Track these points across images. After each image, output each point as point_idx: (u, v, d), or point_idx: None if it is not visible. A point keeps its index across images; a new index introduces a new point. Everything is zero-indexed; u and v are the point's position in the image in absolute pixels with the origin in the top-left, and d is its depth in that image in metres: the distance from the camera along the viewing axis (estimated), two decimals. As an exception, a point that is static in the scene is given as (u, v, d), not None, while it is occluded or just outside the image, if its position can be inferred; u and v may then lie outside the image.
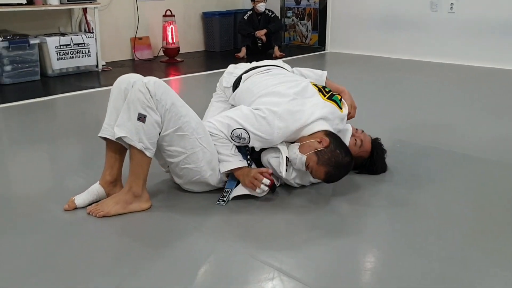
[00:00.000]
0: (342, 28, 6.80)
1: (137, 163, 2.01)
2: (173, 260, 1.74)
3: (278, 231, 1.95)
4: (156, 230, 1.96)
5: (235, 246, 1.82)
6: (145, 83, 1.95)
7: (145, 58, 6.36)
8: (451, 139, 3.05)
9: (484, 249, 1.79)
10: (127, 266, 1.70)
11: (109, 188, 2.15)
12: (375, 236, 1.92)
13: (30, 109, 3.92)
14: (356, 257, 1.77)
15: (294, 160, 2.14)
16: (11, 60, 4.74)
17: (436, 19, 5.87)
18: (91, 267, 1.69)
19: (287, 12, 7.41)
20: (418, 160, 2.69)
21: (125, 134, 1.95)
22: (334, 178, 2.16)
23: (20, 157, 2.83)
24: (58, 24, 5.59)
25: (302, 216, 2.08)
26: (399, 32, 6.23)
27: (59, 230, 1.94)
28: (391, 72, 5.45)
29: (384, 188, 2.35)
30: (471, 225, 1.99)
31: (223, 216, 2.06)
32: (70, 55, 5.14)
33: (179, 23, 6.64)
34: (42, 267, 1.69)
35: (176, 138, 2.03)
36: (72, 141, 3.05)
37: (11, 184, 2.48)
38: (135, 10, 6.29)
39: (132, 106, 1.95)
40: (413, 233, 1.92)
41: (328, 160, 2.08)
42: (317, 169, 2.11)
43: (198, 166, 2.10)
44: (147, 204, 2.09)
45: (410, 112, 3.70)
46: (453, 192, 2.31)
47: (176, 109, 2.00)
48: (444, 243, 1.84)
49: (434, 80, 5.00)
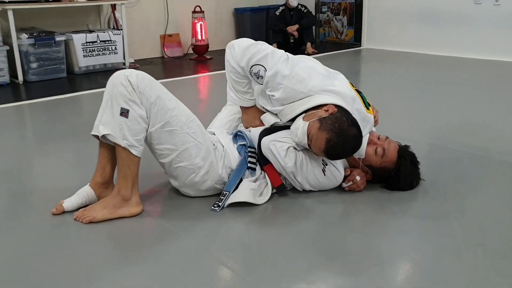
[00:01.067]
0: (379, 23, 6.48)
1: (123, 163, 1.86)
2: (151, 270, 1.57)
3: (272, 249, 1.72)
4: (141, 238, 1.81)
5: (219, 260, 1.63)
6: (126, 76, 1.81)
7: (174, 56, 6.28)
8: (490, 143, 2.75)
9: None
10: (103, 275, 1.55)
11: (100, 191, 2.01)
12: (412, 255, 1.69)
13: (55, 105, 3.89)
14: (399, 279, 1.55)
15: (296, 131, 1.95)
16: (37, 57, 4.74)
17: (480, 12, 5.48)
18: (65, 274, 1.55)
19: (322, 7, 7.15)
20: (454, 166, 2.42)
21: (109, 132, 1.81)
22: (336, 149, 1.90)
23: (41, 153, 2.77)
24: (87, 21, 5.58)
25: (307, 233, 1.85)
26: (439, 27, 5.86)
27: (42, 234, 1.82)
28: (430, 70, 5.12)
29: (418, 198, 2.08)
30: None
31: (215, 226, 1.87)
32: (96, 52, 5.10)
33: (210, 20, 6.53)
34: (16, 270, 1.57)
35: (164, 134, 1.88)
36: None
37: (26, 179, 2.39)
38: (165, 6, 6.22)
39: (114, 101, 1.81)
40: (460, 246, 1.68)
41: (332, 125, 1.87)
42: (317, 136, 1.88)
43: (192, 163, 1.93)
44: (138, 209, 1.93)
45: (449, 113, 3.40)
46: (495, 201, 2.04)
47: (162, 102, 1.85)
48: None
49: (476, 78, 4.65)
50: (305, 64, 2.02)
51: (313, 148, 1.94)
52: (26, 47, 4.66)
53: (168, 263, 1.62)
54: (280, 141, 2.00)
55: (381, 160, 2.09)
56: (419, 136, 2.78)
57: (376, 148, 2.10)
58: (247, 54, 2.01)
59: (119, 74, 1.84)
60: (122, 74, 1.83)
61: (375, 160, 2.09)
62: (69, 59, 5.06)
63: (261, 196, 2.03)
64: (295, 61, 2.01)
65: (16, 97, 4.23)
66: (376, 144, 2.11)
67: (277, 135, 2.03)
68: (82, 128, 3.09)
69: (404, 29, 6.21)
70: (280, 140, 2.00)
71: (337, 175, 2.08)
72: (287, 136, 2.01)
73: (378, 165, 2.10)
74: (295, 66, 1.98)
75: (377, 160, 2.09)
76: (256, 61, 1.99)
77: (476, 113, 3.38)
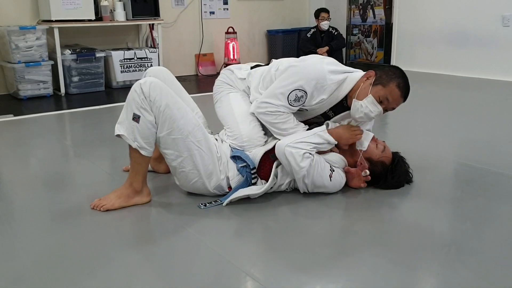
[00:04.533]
0: (408, 45, 6.58)
1: (135, 161, 2.07)
2: (146, 259, 1.74)
3: (271, 244, 1.83)
4: (143, 227, 2.00)
5: (215, 251, 1.77)
6: (140, 84, 2.01)
7: (208, 74, 6.57)
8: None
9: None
10: (97, 259, 1.72)
11: (154, 163, 2.47)
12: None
13: (93, 115, 4.19)
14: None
15: (361, 113, 2.15)
16: (79, 72, 5.12)
17: (508, 34, 5.50)
18: (72, 261, 1.76)
19: (353, 30, 7.32)
20: (477, 187, 2.38)
21: (123, 133, 2.03)
22: (407, 85, 2.13)
23: (78, 156, 3.03)
24: (127, 40, 5.96)
25: (314, 233, 1.94)
26: (467, 49, 5.91)
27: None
28: (458, 90, 5.17)
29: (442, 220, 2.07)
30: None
31: (215, 219, 2.01)
32: (133, 68, 5.44)
33: (243, 40, 6.82)
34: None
35: (170, 141, 2.05)
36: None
37: (60, 179, 2.62)
38: (200, 27, 6.55)
39: (128, 106, 2.03)
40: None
41: (386, 76, 2.13)
42: (389, 91, 2.11)
43: (194, 169, 2.09)
44: (148, 198, 2.15)
45: (475, 135, 3.36)
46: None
47: (170, 111, 2.02)
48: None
49: (503, 100, 4.66)
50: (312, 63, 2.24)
51: (393, 103, 2.13)
52: (69, 62, 5.05)
53: (161, 253, 1.76)
54: (296, 146, 2.09)
55: (380, 154, 2.27)
56: (443, 155, 2.84)
57: (377, 144, 2.29)
58: (278, 126, 2.21)
59: (137, 82, 2.06)
60: (138, 82, 2.04)
61: (376, 153, 2.26)
62: (107, 74, 5.43)
63: (259, 187, 2.15)
64: (300, 61, 2.25)
65: (58, 106, 4.59)
66: (377, 141, 2.31)
67: (290, 139, 2.13)
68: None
69: (433, 51, 6.29)
70: (296, 146, 2.09)
71: (341, 181, 2.23)
72: (303, 141, 2.12)
73: (377, 159, 2.25)
74: (309, 59, 2.25)
75: (377, 154, 2.26)
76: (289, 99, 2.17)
77: (503, 137, 3.34)
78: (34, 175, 2.64)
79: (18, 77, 4.80)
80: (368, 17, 7.09)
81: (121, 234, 1.90)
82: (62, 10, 4.95)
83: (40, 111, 4.30)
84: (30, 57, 4.82)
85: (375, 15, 6.98)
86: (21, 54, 4.76)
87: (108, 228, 1.94)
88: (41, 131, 3.67)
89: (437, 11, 6.16)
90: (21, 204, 2.22)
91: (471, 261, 1.65)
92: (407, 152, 2.41)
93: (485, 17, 5.67)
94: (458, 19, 5.95)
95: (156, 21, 5.70)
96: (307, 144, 2.11)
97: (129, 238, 1.88)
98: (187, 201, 2.20)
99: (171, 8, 6.25)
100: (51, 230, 1.95)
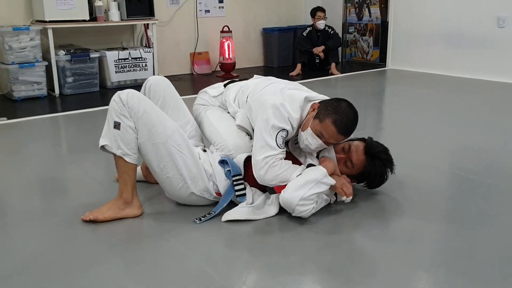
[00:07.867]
0: (404, 45, 6.58)
1: (122, 170, 2.09)
2: (131, 269, 1.76)
3: (261, 261, 1.82)
4: (132, 237, 2.02)
5: (202, 267, 1.78)
6: (118, 93, 2.07)
7: (203, 73, 6.56)
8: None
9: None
10: (83, 267, 1.75)
11: (146, 172, 2.46)
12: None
13: (87, 117, 4.18)
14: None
15: (304, 142, 2.11)
16: (73, 72, 5.10)
17: (504, 35, 5.50)
18: (60, 270, 1.77)
19: (349, 28, 7.31)
20: (469, 194, 2.43)
21: (106, 143, 2.06)
22: (346, 124, 2.04)
23: (74, 160, 3.03)
24: (121, 39, 5.93)
25: (314, 255, 1.95)
26: (462, 50, 5.91)
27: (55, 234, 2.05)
28: (453, 91, 5.17)
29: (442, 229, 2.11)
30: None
31: (207, 233, 2.01)
32: (128, 68, 5.43)
33: (239, 38, 6.79)
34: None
35: (151, 146, 2.07)
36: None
37: (56, 183, 2.64)
38: (195, 26, 6.53)
39: (109, 116, 2.07)
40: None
41: (325, 112, 2.06)
42: (324, 127, 2.04)
43: (178, 173, 2.10)
44: (139, 211, 2.16)
45: (466, 138, 3.40)
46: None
47: (148, 117, 2.06)
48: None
49: (498, 102, 4.67)
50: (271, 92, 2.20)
51: (330, 139, 2.07)
52: (63, 63, 5.03)
53: (155, 268, 1.79)
54: (305, 204, 2.02)
55: (354, 169, 2.25)
56: (436, 160, 2.85)
57: (345, 162, 2.25)
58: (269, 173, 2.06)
59: (115, 94, 2.10)
60: (116, 93, 2.09)
61: (350, 171, 2.26)
62: (102, 75, 5.41)
63: (262, 210, 2.15)
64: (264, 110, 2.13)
65: (52, 108, 4.58)
66: (343, 158, 2.25)
67: (298, 193, 2.00)
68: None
69: (429, 51, 6.28)
70: (305, 203, 2.02)
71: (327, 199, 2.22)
72: (312, 193, 2.02)
73: (356, 173, 2.27)
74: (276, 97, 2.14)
75: (351, 171, 2.26)
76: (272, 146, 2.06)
77: (495, 139, 3.37)
78: (26, 182, 2.64)
79: (12, 78, 4.78)
80: (364, 16, 7.07)
81: (108, 245, 1.91)
82: (56, 11, 4.92)
83: (34, 113, 4.27)
84: (24, 58, 4.80)
85: (371, 14, 6.97)
86: (14, 55, 4.74)
87: (96, 238, 1.95)
88: (34, 136, 3.66)
89: (433, 11, 6.15)
90: (12, 210, 2.23)
91: (458, 285, 1.66)
92: (400, 163, 2.39)
93: (481, 18, 5.67)
94: (454, 19, 5.94)
95: (151, 20, 5.67)
96: (315, 195, 2.04)
97: (114, 251, 1.89)
98: (178, 210, 2.21)
99: (166, 7, 6.22)
100: (39, 237, 1.95)
